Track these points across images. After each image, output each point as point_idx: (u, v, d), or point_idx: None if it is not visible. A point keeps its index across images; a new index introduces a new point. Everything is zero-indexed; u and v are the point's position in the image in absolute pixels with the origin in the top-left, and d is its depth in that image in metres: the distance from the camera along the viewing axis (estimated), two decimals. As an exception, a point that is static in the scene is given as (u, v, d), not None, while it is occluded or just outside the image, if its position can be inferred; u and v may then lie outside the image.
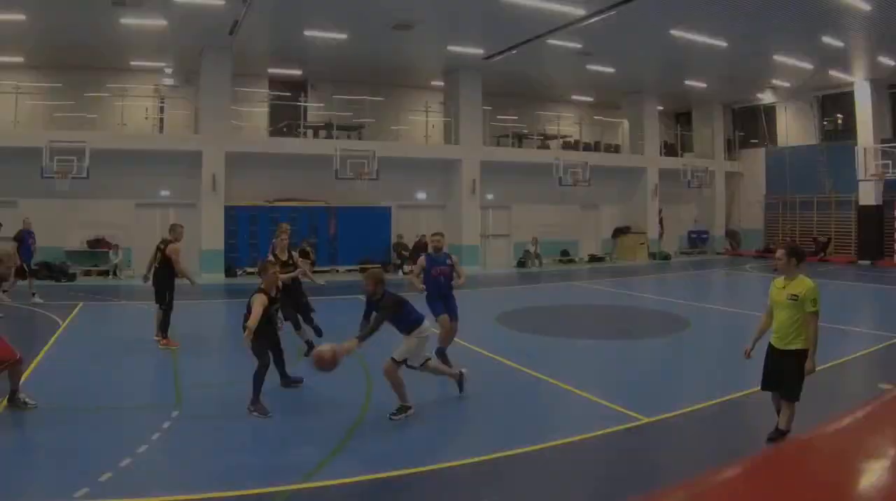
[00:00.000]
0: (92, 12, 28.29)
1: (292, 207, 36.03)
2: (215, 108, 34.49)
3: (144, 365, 15.83)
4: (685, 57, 36.24)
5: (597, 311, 25.69)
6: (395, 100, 42.68)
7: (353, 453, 10.29)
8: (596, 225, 46.70)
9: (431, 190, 41.35)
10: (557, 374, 14.53)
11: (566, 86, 45.03)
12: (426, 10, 28.87)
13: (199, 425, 11.47)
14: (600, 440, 10.86)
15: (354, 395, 13.25)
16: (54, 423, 11.37)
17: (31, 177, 30.85)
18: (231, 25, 29.66)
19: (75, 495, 8.40)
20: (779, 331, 10.39)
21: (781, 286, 10.42)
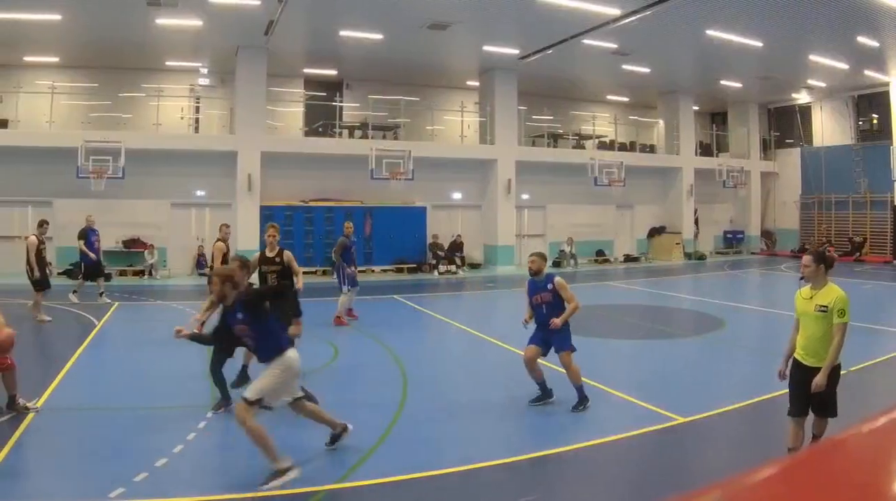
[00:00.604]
0: (127, 13, 27.80)
1: (327, 207, 35.42)
2: (251, 108, 33.76)
3: (179, 365, 15.40)
4: (721, 57, 35.35)
5: (632, 311, 25.16)
6: (431, 100, 41.45)
7: (389, 453, 10.13)
8: (631, 225, 45.60)
9: (467, 190, 40.37)
10: (593, 374, 13.89)
11: (602, 86, 44.04)
12: (461, 10, 27.96)
13: (234, 425, 10.49)
14: (636, 440, 10.70)
15: (390, 395, 12.97)
16: (90, 423, 11.31)
17: (66, 176, 30.38)
18: (266, 25, 29.24)
19: (111, 494, 8.29)
20: (807, 346, 9.26)
21: (808, 296, 9.28)
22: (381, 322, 21.76)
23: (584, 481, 9.47)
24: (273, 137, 35.65)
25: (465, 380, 14.01)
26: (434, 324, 22.49)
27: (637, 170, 42.44)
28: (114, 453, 9.86)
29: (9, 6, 26.81)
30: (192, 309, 22.65)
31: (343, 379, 14.46)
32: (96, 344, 17.64)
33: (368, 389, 13.65)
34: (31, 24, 28.90)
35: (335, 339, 18.15)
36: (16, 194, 31.83)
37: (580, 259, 41.16)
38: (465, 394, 13.33)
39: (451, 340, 20.14)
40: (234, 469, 9.72)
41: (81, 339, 17.62)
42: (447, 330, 21.51)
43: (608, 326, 21.65)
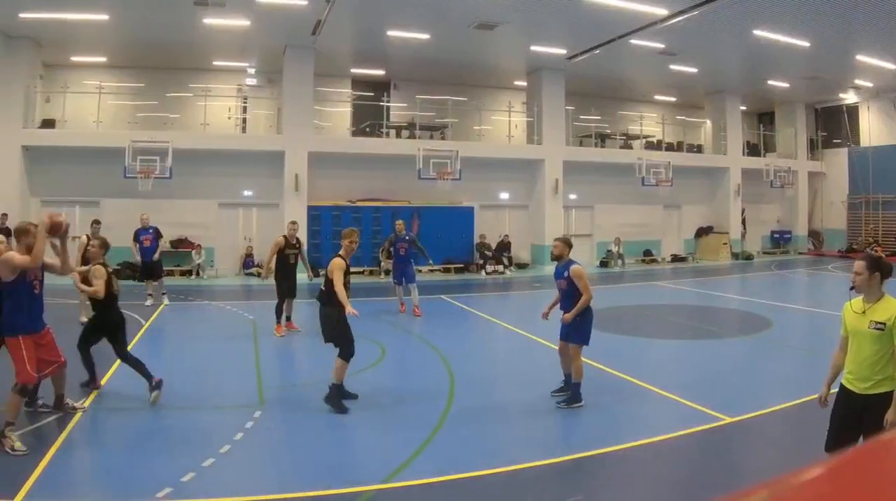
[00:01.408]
0: (174, 13, 27.16)
1: (375, 207, 34.39)
2: (298, 108, 32.78)
3: (227, 364, 15.30)
4: (768, 57, 33.85)
5: (679, 311, 24.48)
6: (478, 100, 40.14)
7: (436, 453, 9.89)
8: (678, 225, 43.93)
9: (514, 190, 38.96)
10: (640, 374, 14.11)
11: (649, 86, 42.62)
12: (509, 10, 27.00)
13: (281, 425, 11.31)
14: (684, 439, 10.50)
15: (437, 395, 12.75)
16: (138, 423, 11.22)
17: (113, 176, 29.73)
18: (314, 25, 28.49)
19: (158, 494, 8.16)
20: (858, 370, 7.45)
21: (861, 310, 7.43)
22: (428, 322, 21.23)
23: (631, 481, 9.26)
24: (320, 137, 34.57)
25: (511, 380, 13.91)
26: (481, 324, 21.79)
27: (684, 170, 41.04)
28: (161, 453, 9.70)
29: (57, 6, 26.16)
30: (239, 308, 22.99)
31: (390, 378, 14.32)
32: (143, 344, 17.17)
33: (415, 389, 13.44)
34: (78, 25, 28.25)
35: (382, 339, 17.68)
36: (64, 194, 30.95)
37: (628, 259, 39.82)
38: (511, 394, 13.18)
39: (498, 340, 19.69)
40: (281, 469, 9.60)
41: (128, 339, 16.10)
42: (494, 330, 20.90)
43: (655, 326, 21.30)
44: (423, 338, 18.37)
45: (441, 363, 15.27)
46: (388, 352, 16.53)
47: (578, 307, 11.91)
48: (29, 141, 30.13)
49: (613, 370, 14.55)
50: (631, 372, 14.20)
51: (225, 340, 18.08)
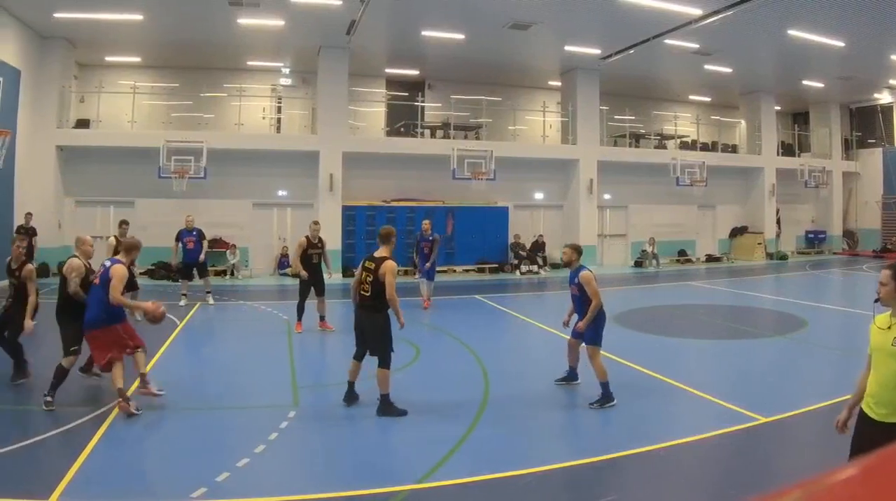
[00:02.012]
0: (209, 13, 26.70)
1: (409, 207, 33.36)
2: (333, 108, 31.94)
3: (261, 365, 14.95)
4: (802, 57, 33.08)
5: (714, 311, 23.57)
6: (513, 99, 39.08)
7: (470, 453, 9.63)
8: (713, 225, 42.63)
9: (549, 190, 37.76)
10: (675, 374, 13.81)
11: (683, 86, 41.39)
12: (543, 10, 26.37)
13: (316, 425, 11.04)
14: (718, 439, 10.27)
15: (472, 395, 12.42)
16: (173, 423, 10.99)
17: (148, 176, 29.09)
18: (348, 25, 27.73)
19: (193, 494, 7.96)
20: (878, 393, 6.22)
21: (886, 326, 6.16)
22: (462, 321, 20.87)
23: (665, 481, 8.92)
24: (355, 137, 33.80)
25: (545, 380, 13.27)
26: (515, 324, 21.24)
27: (719, 170, 39.84)
28: (196, 453, 9.51)
29: (91, 6, 25.69)
30: (274, 309, 22.40)
31: (425, 378, 13.93)
32: (178, 344, 16.88)
33: (450, 389, 13.02)
34: (112, 25, 27.71)
35: (416, 339, 17.04)
36: (98, 194, 30.46)
37: (662, 259, 38.64)
38: (545, 393, 12.74)
39: (533, 340, 19.04)
40: (315, 469, 9.43)
41: (163, 340, 16.63)
42: (528, 330, 20.25)
43: (690, 326, 20.69)
44: (457, 338, 17.91)
45: (475, 362, 15.00)
46: (422, 352, 16.12)
47: (590, 315, 11.89)
48: (63, 141, 29.48)
49: (648, 369, 14.26)
50: (665, 371, 13.94)
51: (259, 340, 17.77)
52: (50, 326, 12.41)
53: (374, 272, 11.29)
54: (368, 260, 11.57)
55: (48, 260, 28.28)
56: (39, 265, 27.45)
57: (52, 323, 12.10)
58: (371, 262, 11.46)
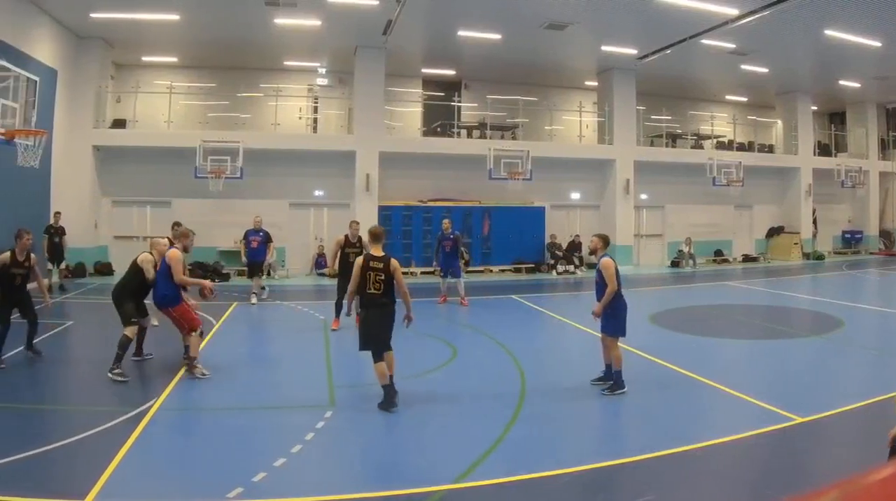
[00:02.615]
0: (246, 13, 26.15)
1: (446, 207, 32.10)
2: (369, 108, 31.23)
3: (298, 364, 14.61)
4: (839, 57, 32.07)
5: (750, 311, 22.83)
6: (549, 100, 38.03)
7: (507, 453, 9.30)
8: (750, 224, 41.41)
9: (585, 190, 36.70)
10: (711, 374, 13.40)
11: (720, 86, 40.25)
12: (579, 11, 25.72)
13: (352, 425, 10.69)
14: (755, 439, 9.86)
15: (508, 395, 12.05)
16: (209, 423, 10.79)
17: (184, 176, 28.32)
18: (385, 25, 27.20)
19: (229, 494, 7.76)
20: None
21: None
22: (498, 321, 20.26)
23: (702, 481, 8.64)
24: (391, 137, 32.97)
25: (582, 379, 12.87)
26: (552, 324, 20.67)
27: (755, 170, 38.61)
28: (232, 453, 9.27)
29: (127, 6, 25.26)
30: (310, 308, 21.92)
31: (461, 378, 13.56)
32: (214, 344, 16.35)
33: (486, 389, 12.63)
34: (149, 25, 27.28)
35: (453, 339, 17.08)
36: (134, 194, 29.78)
37: (699, 259, 37.39)
38: (582, 393, 12.34)
39: (569, 339, 18.49)
40: (352, 468, 9.13)
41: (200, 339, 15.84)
42: (565, 330, 19.69)
43: (726, 326, 20.02)
44: (493, 338, 17.33)
45: (512, 362, 14.60)
46: (458, 352, 15.72)
47: (605, 300, 11.95)
48: (100, 140, 28.86)
49: (685, 369, 13.82)
50: (702, 371, 13.53)
51: (296, 340, 17.35)
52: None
53: (384, 271, 11.32)
54: (372, 260, 11.38)
55: (84, 259, 27.76)
56: (76, 265, 27.08)
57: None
58: (377, 262, 11.36)
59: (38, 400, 11.81)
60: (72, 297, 23.28)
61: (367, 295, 11.33)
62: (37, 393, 12.24)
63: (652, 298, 25.77)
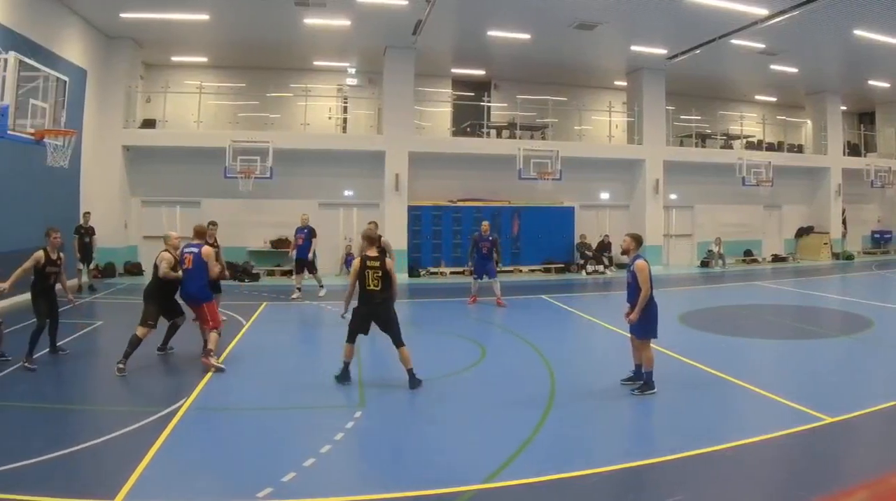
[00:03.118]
0: (275, 13, 25.54)
1: (476, 207, 31.59)
2: (399, 108, 30.42)
3: (327, 365, 13.82)
4: (869, 57, 31.10)
5: (780, 311, 22.45)
6: (578, 99, 36.92)
7: (536, 453, 9.08)
8: (779, 224, 40.40)
9: (615, 190, 35.77)
10: (741, 374, 13.13)
11: (749, 86, 39.07)
12: (609, 11, 25.11)
13: (382, 425, 10.47)
14: (784, 439, 9.67)
15: (538, 395, 11.86)
16: (238, 423, 10.50)
17: (214, 176, 27.68)
18: (414, 25, 26.46)
19: (259, 494, 7.64)
20: None
21: None
22: (528, 321, 19.83)
23: (731, 481, 8.37)
24: (421, 137, 32.09)
25: (611, 380, 12.64)
26: (581, 324, 20.24)
27: (785, 170, 37.38)
28: (262, 453, 9.06)
29: (157, 6, 24.71)
30: (339, 308, 20.27)
31: (491, 378, 13.26)
32: (244, 343, 16.13)
33: (516, 389, 12.40)
34: (178, 25, 26.67)
35: (483, 339, 16.91)
36: (164, 194, 29.18)
37: (728, 259, 36.53)
38: (611, 393, 12.12)
39: (599, 339, 18.15)
40: (382, 469, 8.77)
41: (230, 339, 16.13)
42: (594, 330, 19.29)
43: (756, 326, 19.55)
44: (523, 338, 17.00)
45: (541, 362, 14.37)
46: (488, 352, 15.46)
47: (639, 305, 11.66)
48: (129, 140, 28.29)
49: (714, 369, 13.58)
50: (731, 371, 13.26)
51: (325, 340, 17.12)
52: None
53: (381, 269, 12.10)
54: (369, 260, 12.16)
55: (113, 259, 27.12)
56: (105, 265, 26.57)
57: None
58: (374, 261, 12.13)
59: (67, 400, 11.67)
60: (101, 297, 22.82)
61: (367, 291, 12.11)
62: (66, 393, 12.12)
63: (681, 298, 25.12)
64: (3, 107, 14.44)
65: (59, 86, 16.96)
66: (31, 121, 15.77)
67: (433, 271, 31.00)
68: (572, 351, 16.46)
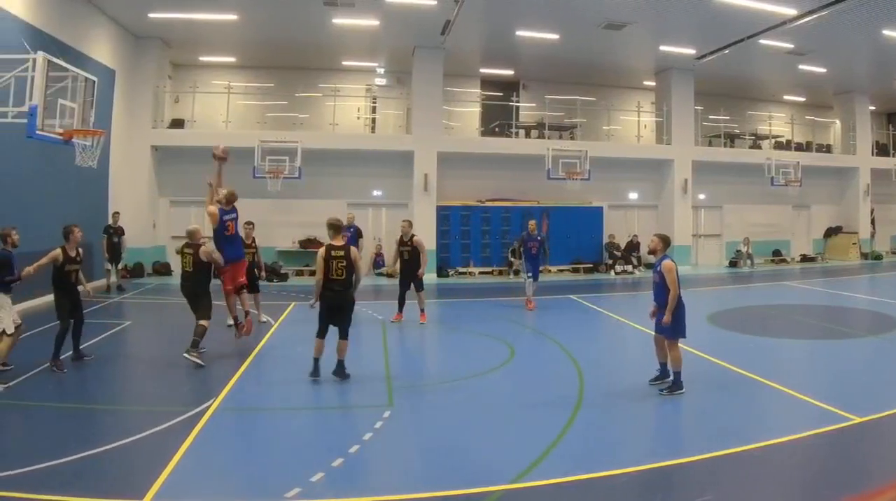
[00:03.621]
0: (304, 13, 25.01)
1: (504, 207, 30.88)
2: (427, 108, 29.71)
3: (356, 364, 13.27)
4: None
5: (808, 311, 21.82)
6: (607, 99, 35.97)
7: (564, 453, 8.82)
8: (807, 224, 39.31)
9: (643, 190, 34.86)
10: (769, 374, 12.72)
11: (777, 86, 37.98)
12: (637, 11, 24.60)
13: (410, 425, 10.18)
14: (813, 439, 9.40)
15: (566, 395, 11.49)
16: (266, 423, 10.28)
17: (242, 177, 26.11)
18: (443, 25, 25.80)
19: (287, 494, 7.38)
20: None
21: None
22: (556, 321, 19.43)
23: (760, 481, 8.06)
24: (449, 137, 31.26)
25: (640, 380, 12.29)
26: (610, 324, 19.80)
27: (813, 170, 36.30)
28: (290, 453, 8.83)
29: (185, 6, 24.26)
30: (368, 308, 20.91)
31: (519, 378, 13.04)
32: (272, 344, 15.79)
33: (545, 389, 12.11)
34: (207, 25, 26.14)
35: (512, 339, 16.31)
36: (192, 194, 27.56)
37: (756, 259, 35.44)
38: (639, 393, 11.81)
39: (627, 339, 17.77)
40: (410, 469, 8.60)
41: (258, 339, 15.87)
42: (623, 330, 18.86)
43: (785, 326, 19.13)
44: (551, 338, 16.63)
45: (570, 362, 14.02)
46: (516, 352, 15.03)
47: (669, 306, 11.38)
48: (158, 141, 27.73)
49: (742, 369, 13.19)
50: (760, 371, 12.87)
51: (354, 340, 15.86)
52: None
53: (346, 258, 11.89)
54: (333, 249, 11.95)
55: (142, 259, 26.49)
56: (134, 265, 26.06)
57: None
58: (339, 251, 11.92)
59: (96, 400, 11.38)
60: (130, 297, 22.29)
61: (329, 281, 11.83)
62: (95, 393, 11.82)
63: (710, 298, 24.53)
64: (31, 107, 14.14)
65: (87, 87, 16.65)
66: (59, 122, 15.44)
67: (462, 271, 30.21)
68: (601, 351, 16.11)
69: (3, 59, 14.87)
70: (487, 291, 24.59)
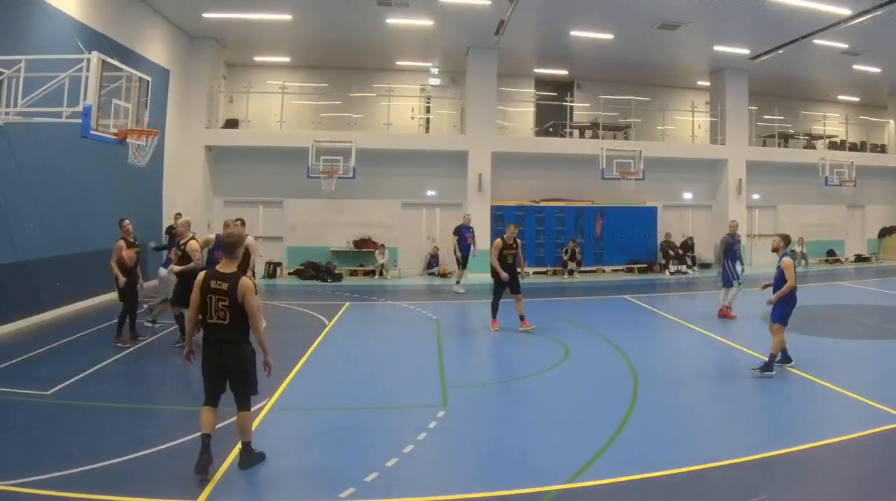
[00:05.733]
0: (358, 13, 23.35)
1: (559, 207, 28.48)
2: (481, 108, 27.50)
3: (410, 365, 13.23)
4: None
5: (863, 311, 20.65)
6: (661, 99, 33.21)
7: (619, 453, 8.27)
8: (862, 225, 36.26)
9: (697, 190, 32.06)
10: (824, 373, 12.04)
11: (832, 85, 34.90)
12: (692, 11, 22.91)
13: (465, 425, 9.61)
14: (867, 440, 8.69)
15: (620, 394, 10.92)
16: (320, 423, 9.70)
17: (296, 176, 25.30)
18: (497, 25, 24.12)
19: (342, 494, 6.99)
20: None
21: None
22: (611, 321, 18.44)
23: (814, 481, 7.64)
24: (503, 137, 28.88)
25: (694, 380, 12.09)
26: (664, 324, 18.69)
27: (867, 169, 33.14)
28: (344, 453, 8.25)
29: (239, 6, 22.81)
30: (423, 308, 20.19)
31: (574, 378, 12.35)
32: (326, 343, 15.11)
33: (598, 389, 11.54)
34: (261, 25, 24.47)
35: (566, 339, 15.44)
36: (246, 194, 26.80)
37: (811, 259, 32.61)
38: (693, 393, 11.45)
39: (681, 340, 16.77)
40: (464, 469, 8.06)
41: (312, 339, 15.17)
42: (677, 330, 17.78)
43: (839, 326, 18.25)
44: (605, 337, 15.78)
45: (624, 362, 13.34)
46: (571, 352, 14.26)
47: (780, 293, 11.95)
48: (212, 141, 25.90)
49: (797, 369, 12.52)
50: (815, 371, 12.19)
51: (408, 340, 15.99)
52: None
53: (228, 293, 7.32)
54: (214, 278, 7.44)
55: (196, 259, 24.96)
56: (190, 265, 24.81)
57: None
58: (220, 282, 7.37)
59: (150, 400, 11.08)
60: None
61: (208, 326, 7.43)
62: (149, 392, 11.63)
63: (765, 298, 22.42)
64: (86, 106, 13.55)
65: (141, 86, 15.91)
66: (113, 121, 14.94)
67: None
68: (655, 351, 15.30)
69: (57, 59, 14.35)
70: (541, 291, 23.26)
